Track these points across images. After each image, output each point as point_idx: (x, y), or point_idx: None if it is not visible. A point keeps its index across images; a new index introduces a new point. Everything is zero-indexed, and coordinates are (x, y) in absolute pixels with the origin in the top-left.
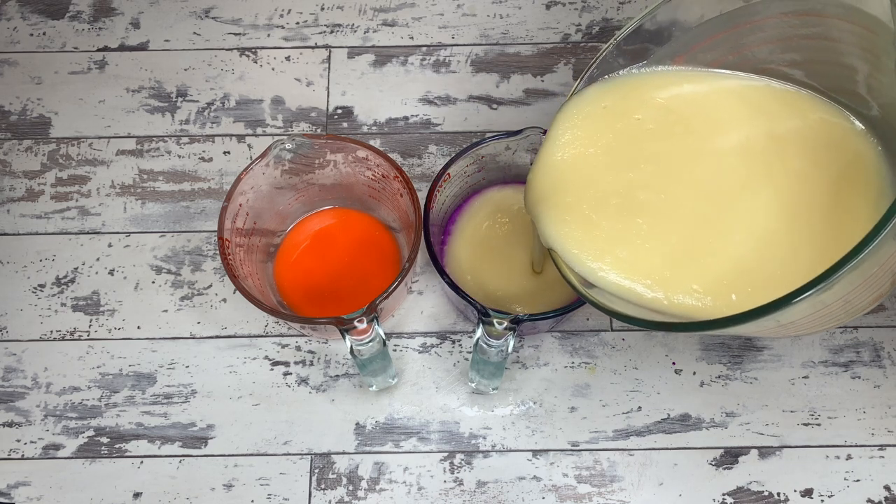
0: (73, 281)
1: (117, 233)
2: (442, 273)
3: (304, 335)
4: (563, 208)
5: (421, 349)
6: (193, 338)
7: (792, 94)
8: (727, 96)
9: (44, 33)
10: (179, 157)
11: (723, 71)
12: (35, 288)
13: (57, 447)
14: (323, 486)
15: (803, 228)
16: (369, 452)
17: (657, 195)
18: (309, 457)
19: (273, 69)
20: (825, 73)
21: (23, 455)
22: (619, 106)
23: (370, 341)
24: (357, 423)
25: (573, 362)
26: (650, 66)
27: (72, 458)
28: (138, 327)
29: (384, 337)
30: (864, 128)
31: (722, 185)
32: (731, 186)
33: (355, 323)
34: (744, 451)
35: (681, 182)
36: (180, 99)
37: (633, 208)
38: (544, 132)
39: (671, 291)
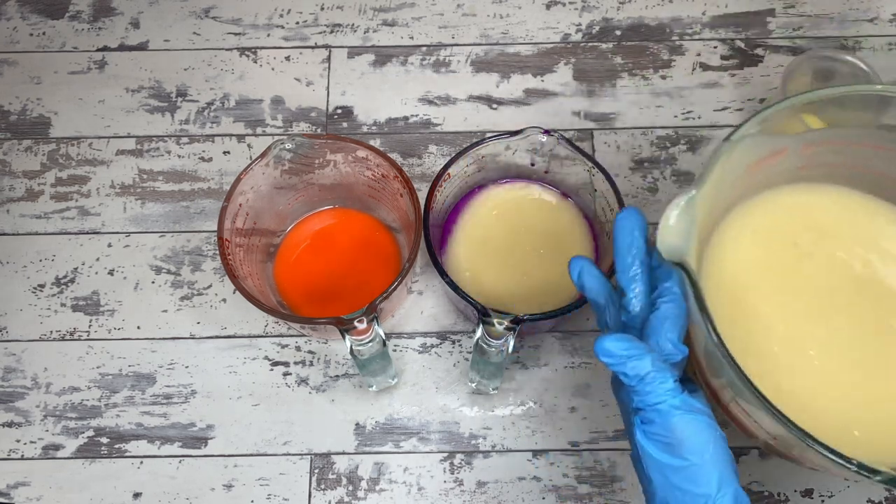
0: (72, 281)
1: (117, 233)
2: (442, 273)
3: (304, 335)
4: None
5: (421, 349)
6: (193, 338)
7: None
8: (876, 218)
9: (43, 33)
10: (179, 157)
11: (850, 190)
12: (35, 288)
13: (57, 447)
14: (323, 487)
15: None
16: (369, 452)
17: (827, 328)
18: (309, 457)
19: (273, 69)
20: None
21: (23, 455)
22: (770, 231)
23: (370, 341)
24: (357, 424)
25: (573, 362)
26: (779, 184)
27: (72, 458)
28: (138, 327)
29: (384, 337)
30: None
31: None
32: None
33: (355, 323)
34: (744, 451)
35: (851, 314)
36: (180, 99)
37: (800, 338)
38: (544, 132)
39: (825, 435)
